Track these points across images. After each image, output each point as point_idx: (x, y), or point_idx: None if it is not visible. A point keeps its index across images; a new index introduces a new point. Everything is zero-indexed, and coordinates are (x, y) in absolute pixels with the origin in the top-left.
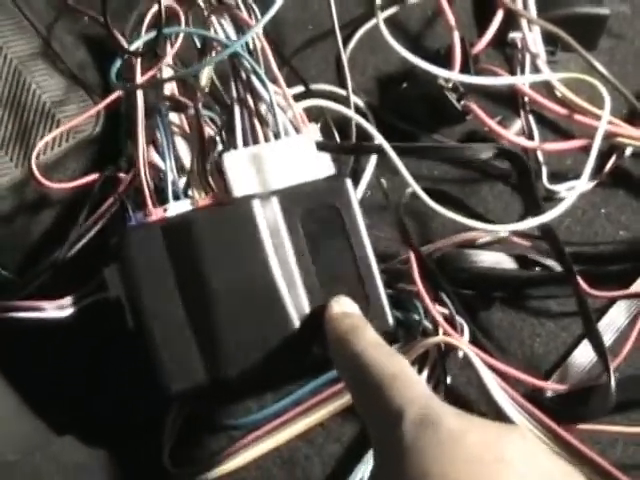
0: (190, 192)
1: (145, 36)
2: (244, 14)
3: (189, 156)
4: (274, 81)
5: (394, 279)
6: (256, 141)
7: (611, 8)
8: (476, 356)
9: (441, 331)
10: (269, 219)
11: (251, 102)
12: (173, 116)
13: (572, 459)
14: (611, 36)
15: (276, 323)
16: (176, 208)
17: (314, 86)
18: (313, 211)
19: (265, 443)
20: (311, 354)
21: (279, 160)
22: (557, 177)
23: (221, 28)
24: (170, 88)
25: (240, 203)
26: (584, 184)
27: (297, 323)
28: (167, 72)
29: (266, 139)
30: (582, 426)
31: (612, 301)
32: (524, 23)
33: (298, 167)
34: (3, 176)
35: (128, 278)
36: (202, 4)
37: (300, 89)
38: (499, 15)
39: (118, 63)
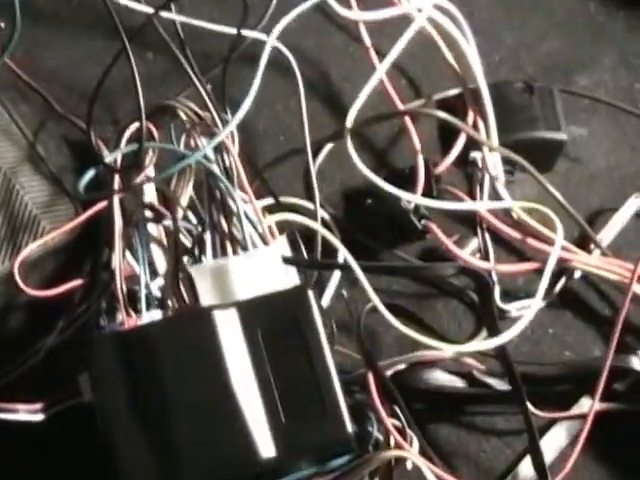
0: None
1: (124, 149)
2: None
3: (164, 263)
4: (245, 193)
5: (349, 391)
6: (225, 254)
7: (569, 132)
8: (427, 468)
9: (393, 443)
10: (229, 329)
11: (222, 217)
12: (150, 225)
13: None
14: (568, 158)
15: (233, 434)
16: (149, 317)
17: (283, 198)
18: (274, 321)
19: None
20: (269, 465)
21: (245, 272)
22: (508, 295)
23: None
24: (150, 197)
25: (201, 314)
26: (537, 305)
27: (254, 434)
28: (148, 185)
29: (234, 252)
30: None
31: (553, 421)
32: (485, 149)
33: (263, 279)
34: None
35: (95, 385)
36: (184, 118)
37: (270, 201)
38: (462, 139)
39: (89, 174)
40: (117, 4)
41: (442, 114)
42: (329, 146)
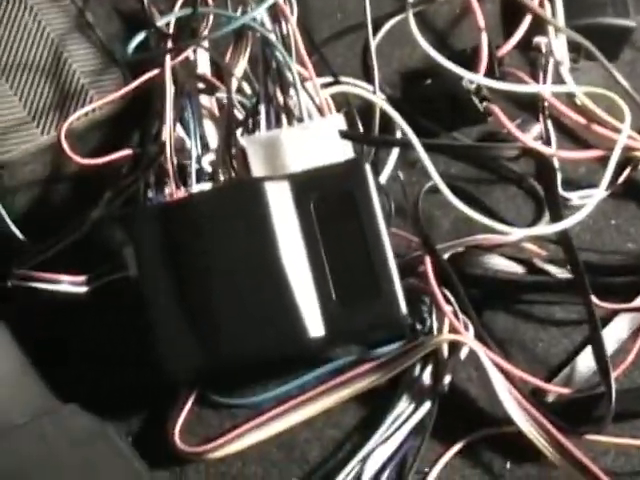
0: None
1: (177, 13)
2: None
3: (215, 137)
4: (303, 67)
5: (404, 274)
6: (279, 126)
7: (637, 21)
8: (483, 353)
9: (446, 328)
10: (280, 201)
11: (278, 88)
12: (202, 97)
13: (566, 463)
14: (633, 49)
15: (279, 307)
16: (198, 190)
17: (341, 77)
18: (328, 195)
19: (268, 428)
20: (316, 345)
21: (299, 144)
22: (570, 184)
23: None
24: (203, 69)
25: (251, 185)
26: (601, 193)
27: (302, 311)
28: (201, 53)
29: (290, 124)
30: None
31: (614, 312)
32: (551, 30)
33: (319, 152)
34: (28, 142)
35: (138, 257)
36: None
37: (327, 79)
38: (527, 20)
39: (139, 37)
40: None
41: None
42: (388, 25)
